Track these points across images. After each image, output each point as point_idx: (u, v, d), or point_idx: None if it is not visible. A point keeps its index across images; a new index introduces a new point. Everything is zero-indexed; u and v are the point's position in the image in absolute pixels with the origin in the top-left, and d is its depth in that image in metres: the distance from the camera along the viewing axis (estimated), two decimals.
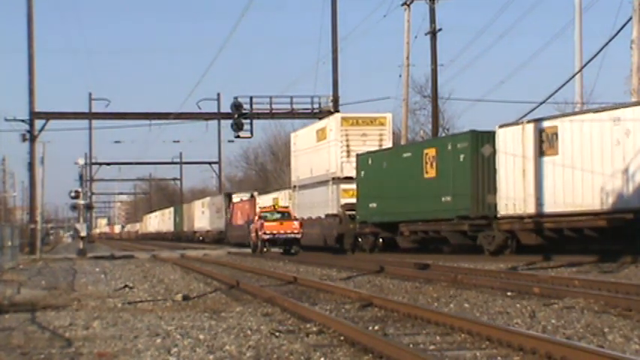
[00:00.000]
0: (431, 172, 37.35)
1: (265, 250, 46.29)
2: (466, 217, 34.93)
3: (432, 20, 52.23)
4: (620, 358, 9.46)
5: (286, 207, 52.29)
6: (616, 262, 27.22)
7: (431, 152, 37.43)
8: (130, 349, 11.77)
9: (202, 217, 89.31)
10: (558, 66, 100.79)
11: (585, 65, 40.99)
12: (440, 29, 52.50)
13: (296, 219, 47.72)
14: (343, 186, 46.33)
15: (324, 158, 48.45)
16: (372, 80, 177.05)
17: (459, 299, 17.49)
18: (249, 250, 49.67)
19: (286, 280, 24.19)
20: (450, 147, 36.01)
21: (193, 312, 16.27)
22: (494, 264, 29.38)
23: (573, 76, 41.99)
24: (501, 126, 34.01)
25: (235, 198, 75.75)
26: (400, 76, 55.11)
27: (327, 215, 47.53)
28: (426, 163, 37.67)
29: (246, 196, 74.44)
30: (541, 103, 42.09)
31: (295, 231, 46.16)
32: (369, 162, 42.96)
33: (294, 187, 55.31)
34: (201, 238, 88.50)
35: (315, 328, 13.10)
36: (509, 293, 18.22)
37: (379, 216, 41.83)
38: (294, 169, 56.02)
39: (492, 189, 34.04)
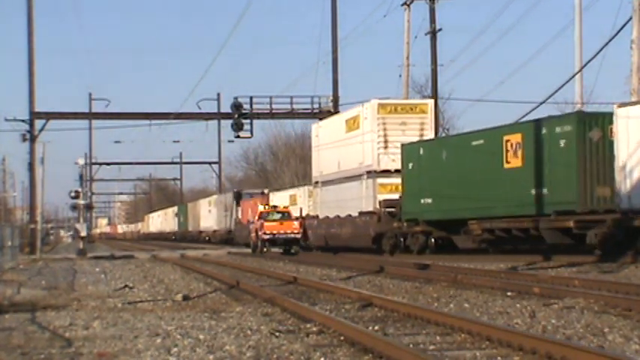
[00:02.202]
0: (514, 162, 32.32)
1: (265, 250, 46.30)
2: (569, 212, 29.92)
3: (432, 20, 52.23)
4: (620, 358, 9.47)
5: (286, 207, 52.28)
6: (616, 262, 27.21)
7: (514, 138, 32.39)
8: (130, 349, 11.77)
9: (209, 216, 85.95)
10: (558, 66, 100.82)
11: (585, 65, 40.95)
12: (440, 29, 52.50)
13: (296, 219, 47.74)
14: (380, 180, 42.11)
15: (356, 150, 44.01)
16: (372, 80, 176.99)
17: (459, 299, 17.49)
18: (249, 250, 49.66)
19: (286, 280, 24.19)
20: (544, 132, 30.87)
21: (193, 312, 16.27)
22: (494, 264, 29.38)
23: (573, 76, 41.97)
24: (621, 105, 28.91)
25: (244, 195, 72.10)
26: (400, 76, 55.09)
27: (360, 213, 43.10)
28: (507, 150, 32.65)
29: (256, 193, 70.77)
30: (541, 103, 42.06)
31: (295, 231, 46.19)
32: (421, 152, 38.24)
33: (316, 183, 50.94)
34: (207, 238, 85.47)
35: (315, 328, 13.10)
36: (509, 293, 18.22)
37: (436, 213, 37.10)
38: (316, 163, 51.35)
39: (603, 179, 29.29)
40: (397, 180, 40.40)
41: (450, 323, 12.82)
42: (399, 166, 40.12)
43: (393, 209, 40.00)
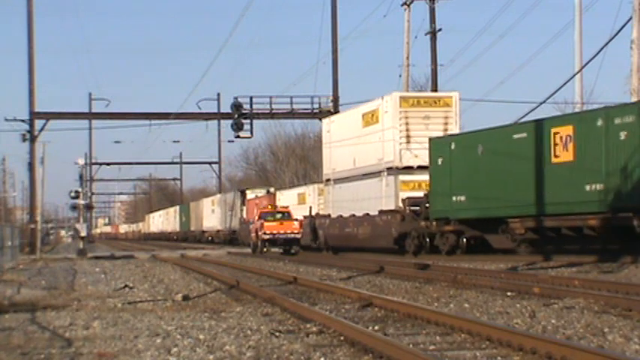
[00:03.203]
0: (564, 155, 29.85)
1: (265, 250, 46.31)
2: (629, 209, 27.79)
3: (432, 20, 52.33)
4: (620, 358, 9.47)
5: (286, 207, 52.23)
6: (616, 262, 27.20)
7: (564, 131, 29.95)
8: (130, 349, 11.76)
9: (212, 215, 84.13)
10: (558, 66, 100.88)
11: (585, 65, 41.00)
12: (440, 29, 52.63)
13: (296, 219, 47.72)
14: (402, 177, 39.93)
15: (375, 146, 41.76)
16: (372, 80, 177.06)
17: (459, 299, 17.49)
18: (249, 250, 49.65)
19: (286, 280, 24.19)
20: (600, 123, 28.62)
21: (193, 312, 16.26)
22: (494, 264, 29.38)
23: (573, 76, 42.02)
24: None
25: (250, 194, 70.21)
26: (400, 76, 55.20)
27: (380, 212, 40.81)
28: (556, 144, 30.20)
29: (261, 192, 69.22)
30: (541, 103, 42.08)
31: (295, 231, 46.18)
32: (452, 147, 35.44)
33: (327, 180, 48.93)
34: (210, 238, 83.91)
35: (315, 328, 13.09)
36: (509, 293, 18.22)
37: (470, 211, 34.48)
38: (327, 160, 49.21)
39: None
40: (420, 177, 38.93)
41: (450, 323, 12.82)
42: (422, 163, 38.58)
43: (417, 208, 37.91)
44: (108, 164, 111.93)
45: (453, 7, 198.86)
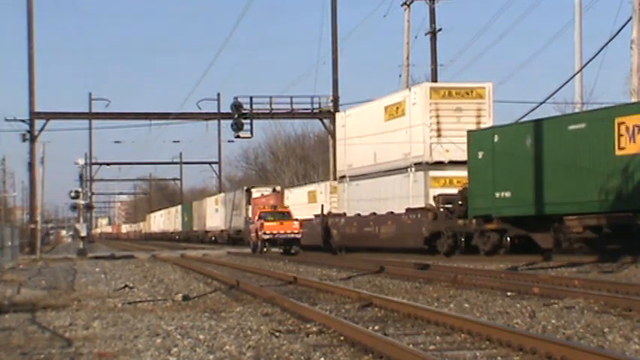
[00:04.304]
0: (632, 147, 27.46)
1: (265, 250, 46.32)
2: None
3: (432, 20, 52.38)
4: (620, 358, 9.47)
5: (286, 207, 52.20)
6: (616, 262, 27.20)
7: (631, 121, 27.57)
8: (130, 349, 11.76)
9: (216, 215, 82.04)
10: (558, 66, 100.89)
11: (585, 65, 41.01)
12: (440, 29, 52.66)
13: (296, 219, 47.71)
14: (432, 173, 37.95)
15: (401, 140, 39.64)
16: (372, 80, 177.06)
17: (459, 299, 17.49)
18: (249, 250, 49.66)
19: (286, 280, 24.19)
20: None
21: (193, 312, 16.26)
22: (494, 264, 29.38)
23: (573, 76, 42.03)
24: None
25: (255, 193, 67.87)
26: (400, 76, 55.27)
27: (408, 210, 38.69)
28: (621, 135, 27.80)
29: (267, 190, 67.69)
30: (541, 103, 42.09)
31: (295, 231, 46.17)
32: (495, 139, 32.80)
33: (342, 177, 47.04)
34: (213, 238, 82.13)
35: (315, 328, 13.09)
36: (509, 293, 18.22)
37: (516, 208, 31.81)
38: (342, 156, 47.15)
39: None
40: (452, 172, 37.28)
41: (450, 323, 12.82)
42: (453, 157, 37.08)
43: (450, 205, 35.85)
44: (108, 164, 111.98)
45: (453, 7, 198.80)
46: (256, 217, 48.82)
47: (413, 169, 38.91)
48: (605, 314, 14.29)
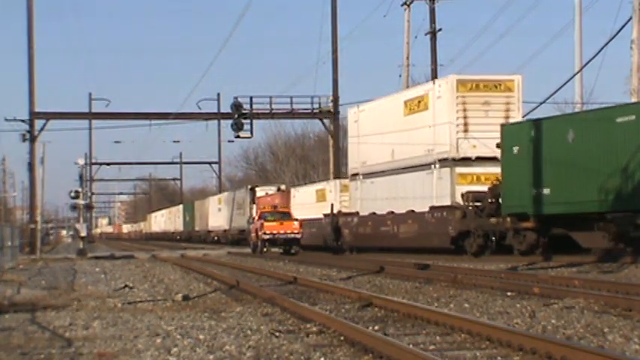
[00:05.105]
0: None
1: (265, 250, 46.33)
2: None
3: (432, 20, 52.40)
4: (620, 358, 9.47)
5: (286, 207, 52.16)
6: (616, 262, 27.19)
7: None
8: (130, 349, 11.76)
9: (218, 214, 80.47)
10: (558, 66, 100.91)
11: (585, 65, 41.06)
12: (440, 29, 52.67)
13: (296, 219, 47.70)
14: (459, 169, 36.28)
15: (423, 135, 37.99)
16: (372, 80, 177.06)
17: (459, 299, 17.48)
18: (249, 250, 49.66)
19: (286, 280, 24.19)
20: None
21: (193, 312, 16.26)
22: (494, 264, 29.37)
23: (573, 76, 42.08)
24: None
25: (260, 192, 66.28)
26: (400, 76, 55.27)
27: (432, 208, 37.12)
28: None
29: (272, 189, 66.84)
30: (541, 103, 42.16)
31: (295, 231, 46.16)
32: (532, 133, 30.86)
33: (354, 175, 45.43)
34: (216, 238, 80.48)
35: (315, 328, 13.09)
36: (509, 293, 18.21)
37: (556, 205, 29.99)
38: (355, 153, 45.44)
39: None
40: (479, 169, 35.97)
41: (450, 323, 12.82)
42: (481, 153, 35.70)
43: (479, 203, 34.28)
44: (108, 164, 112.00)
45: (453, 7, 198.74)
46: (256, 217, 48.83)
47: (437, 165, 37.33)
48: (605, 314, 14.29)
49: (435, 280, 22.61)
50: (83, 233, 51.14)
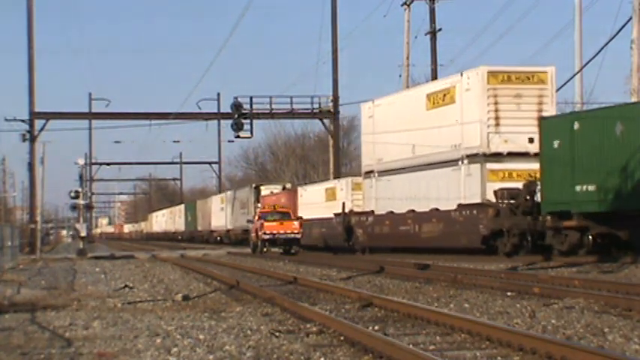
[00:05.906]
0: None
1: (265, 250, 46.33)
2: None
3: (432, 20, 52.43)
4: (620, 358, 9.46)
5: (286, 207, 52.10)
6: (616, 262, 27.19)
7: None
8: (130, 349, 11.76)
9: (221, 214, 78.68)
10: (558, 66, 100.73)
11: (585, 65, 41.06)
12: (440, 29, 52.67)
13: (296, 219, 47.68)
14: (490, 165, 34.44)
15: (449, 130, 36.20)
16: (372, 80, 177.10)
17: (459, 299, 17.48)
18: (249, 250, 49.66)
19: (286, 280, 24.18)
20: None
21: (193, 312, 16.26)
22: (494, 264, 29.36)
23: (573, 76, 42.09)
24: None
25: (264, 191, 64.99)
26: (400, 76, 55.28)
27: (460, 206, 35.16)
28: None
29: (277, 188, 65.46)
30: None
31: (295, 231, 46.15)
32: (575, 127, 29.29)
33: (368, 173, 43.65)
34: (219, 238, 78.91)
35: (315, 328, 13.09)
36: (509, 293, 18.21)
37: (602, 203, 28.30)
38: (370, 150, 43.65)
39: None
40: (511, 165, 34.27)
41: (450, 323, 12.82)
42: (513, 149, 34.16)
43: (513, 201, 32.66)
44: (108, 164, 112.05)
45: (453, 7, 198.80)
46: (256, 217, 48.83)
47: (465, 161, 35.42)
48: (605, 314, 14.29)
49: (435, 280, 22.60)
50: (83, 233, 51.13)
